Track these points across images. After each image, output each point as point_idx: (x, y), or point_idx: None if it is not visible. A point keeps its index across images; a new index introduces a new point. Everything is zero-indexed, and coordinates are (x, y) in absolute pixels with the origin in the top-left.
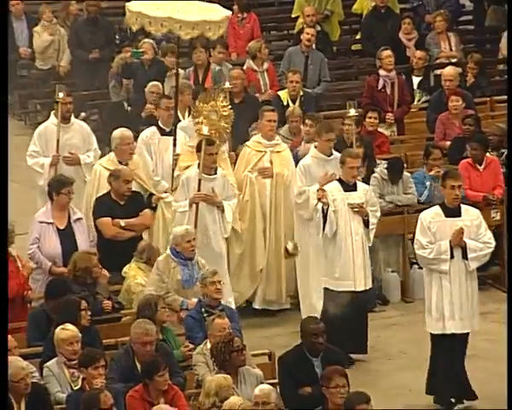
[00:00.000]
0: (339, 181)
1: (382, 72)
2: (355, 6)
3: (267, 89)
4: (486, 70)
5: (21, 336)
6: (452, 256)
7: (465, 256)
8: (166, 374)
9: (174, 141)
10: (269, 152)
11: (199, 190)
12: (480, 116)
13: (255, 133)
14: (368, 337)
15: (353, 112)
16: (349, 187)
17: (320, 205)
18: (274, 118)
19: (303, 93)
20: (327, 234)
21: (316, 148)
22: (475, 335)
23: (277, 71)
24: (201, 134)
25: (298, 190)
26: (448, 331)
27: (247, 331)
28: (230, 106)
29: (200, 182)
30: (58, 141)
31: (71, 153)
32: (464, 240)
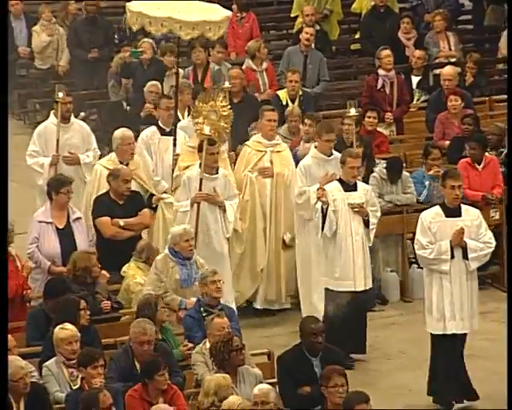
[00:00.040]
0: (339, 181)
1: (381, 71)
2: (354, 5)
3: (266, 88)
4: (485, 69)
5: (20, 335)
6: (453, 256)
7: (465, 256)
8: (166, 374)
9: (174, 141)
10: (269, 152)
11: (200, 190)
12: (479, 116)
13: (254, 133)
14: (367, 337)
15: (354, 112)
16: (349, 187)
17: (319, 204)
18: (274, 117)
19: (302, 93)
20: (326, 233)
21: (316, 148)
22: (475, 334)
23: (276, 70)
24: (203, 134)
25: (298, 191)
26: (449, 332)
27: (247, 331)
28: (229, 106)
29: (201, 181)
30: (58, 141)
31: (70, 153)
32: (465, 240)
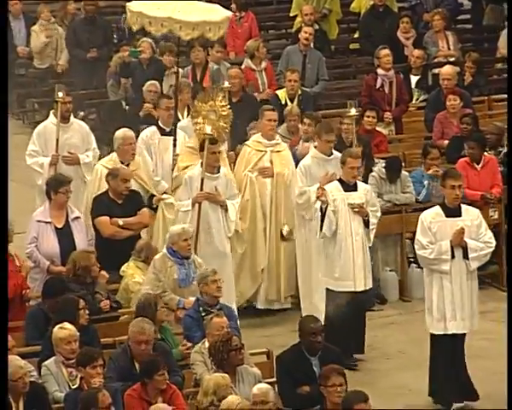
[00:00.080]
0: (339, 181)
1: (380, 71)
2: (353, 5)
3: (265, 88)
4: (484, 69)
5: (19, 335)
6: (453, 256)
7: (466, 256)
8: (166, 373)
9: (174, 141)
10: (269, 152)
11: (202, 189)
12: (478, 115)
13: (253, 133)
14: (365, 337)
15: (354, 111)
16: (349, 187)
17: (318, 203)
18: (274, 117)
19: (301, 92)
20: (325, 233)
21: (316, 148)
22: (474, 334)
23: (275, 70)
24: (204, 133)
25: (299, 191)
26: (450, 332)
27: (247, 331)
28: (229, 105)
29: (202, 181)
30: (57, 140)
31: (70, 152)
32: (465, 240)
